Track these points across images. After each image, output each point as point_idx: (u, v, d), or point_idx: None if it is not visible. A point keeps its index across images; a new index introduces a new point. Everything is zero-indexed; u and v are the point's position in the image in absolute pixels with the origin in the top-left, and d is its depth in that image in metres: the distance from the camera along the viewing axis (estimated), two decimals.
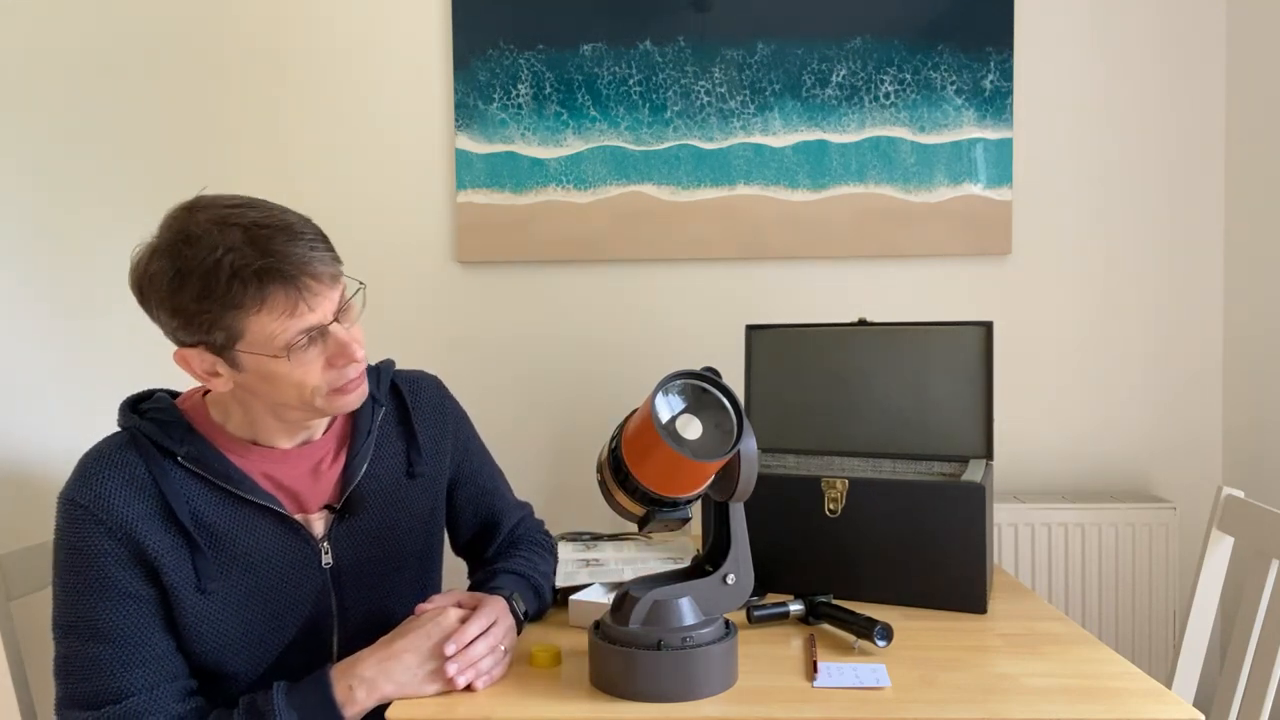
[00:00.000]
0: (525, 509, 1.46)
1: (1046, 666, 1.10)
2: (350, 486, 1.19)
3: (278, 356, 1.04)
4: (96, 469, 1.07)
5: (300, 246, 1.03)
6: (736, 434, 1.05)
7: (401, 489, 1.25)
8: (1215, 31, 1.99)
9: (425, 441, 1.28)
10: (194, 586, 1.08)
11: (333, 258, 1.07)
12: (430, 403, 1.31)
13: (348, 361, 1.08)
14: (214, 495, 1.11)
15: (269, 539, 1.14)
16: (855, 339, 1.58)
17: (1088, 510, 1.90)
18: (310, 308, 1.04)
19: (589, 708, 1.01)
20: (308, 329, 1.05)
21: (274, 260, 1.01)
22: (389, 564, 1.23)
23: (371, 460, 1.22)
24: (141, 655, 1.05)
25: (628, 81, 2.00)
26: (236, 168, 2.03)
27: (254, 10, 2.03)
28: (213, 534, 1.10)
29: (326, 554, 1.18)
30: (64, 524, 1.07)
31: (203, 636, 1.10)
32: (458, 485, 1.35)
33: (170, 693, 1.06)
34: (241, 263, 1.00)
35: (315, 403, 1.09)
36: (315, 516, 1.18)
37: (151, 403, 1.15)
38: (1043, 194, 2.02)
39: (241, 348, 1.04)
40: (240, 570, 1.12)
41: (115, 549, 1.05)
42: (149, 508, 1.07)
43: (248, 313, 1.02)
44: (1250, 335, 1.94)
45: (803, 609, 1.28)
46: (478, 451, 1.39)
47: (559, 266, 2.05)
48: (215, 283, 1.00)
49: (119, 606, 1.05)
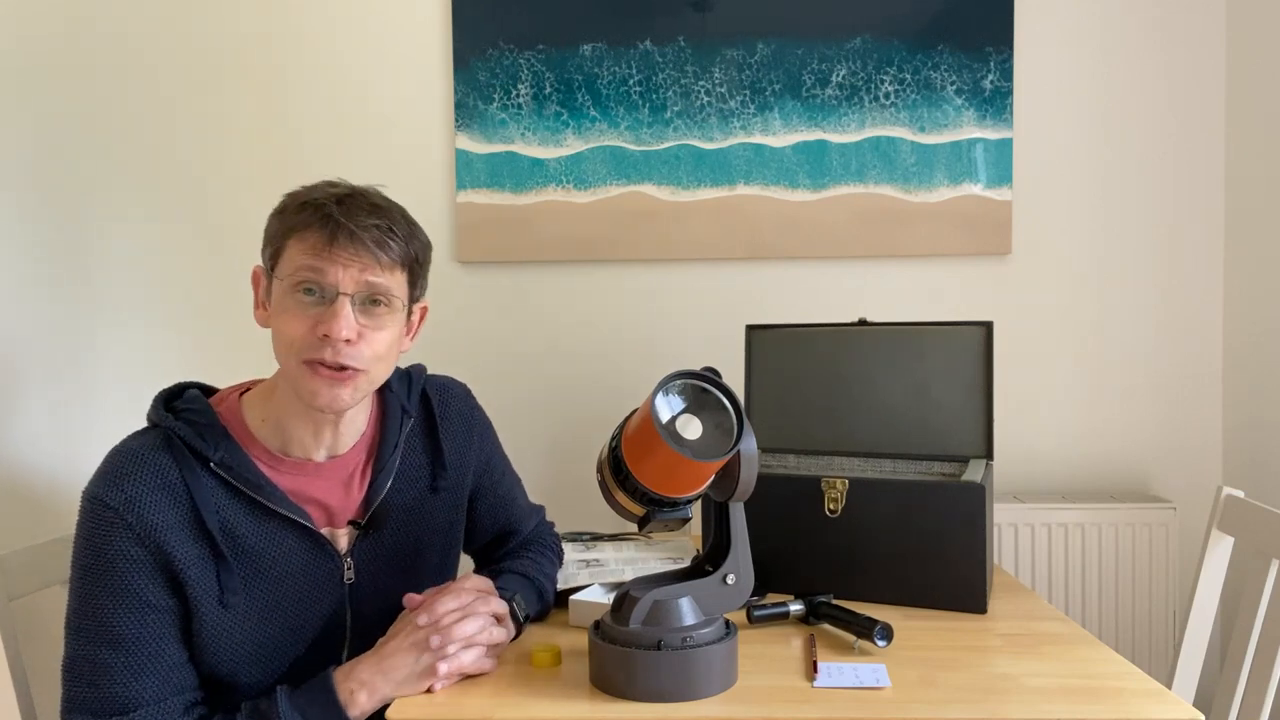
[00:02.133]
0: (539, 514, 1.45)
1: (1046, 666, 1.10)
2: (375, 502, 1.17)
3: (286, 286, 1.07)
4: (129, 469, 1.05)
5: (371, 219, 1.08)
6: (736, 434, 1.05)
7: (425, 503, 1.24)
8: (1215, 31, 1.99)
9: (450, 454, 1.26)
10: (216, 599, 1.07)
11: (400, 254, 1.10)
12: (458, 414, 1.29)
13: (326, 334, 1.05)
14: (243, 505, 1.09)
15: (295, 553, 1.12)
16: (855, 339, 1.58)
17: (1088, 510, 1.90)
18: (332, 259, 1.06)
19: (589, 708, 1.01)
20: (315, 274, 1.06)
21: (337, 210, 1.07)
22: (406, 579, 1.22)
23: (396, 475, 1.20)
24: (153, 666, 1.04)
25: (628, 81, 2.00)
26: (236, 167, 2.03)
27: (253, 10, 2.03)
28: (239, 546, 1.08)
29: (349, 569, 1.17)
30: (90, 524, 1.04)
31: (218, 649, 1.08)
32: (478, 497, 1.33)
33: (177, 705, 1.05)
34: (316, 199, 1.08)
35: (292, 366, 1.07)
36: (340, 532, 1.17)
37: (186, 401, 1.13)
38: (1043, 194, 2.02)
39: (276, 272, 1.09)
40: (263, 584, 1.10)
41: (142, 556, 1.02)
42: (179, 515, 1.05)
43: (292, 235, 1.08)
44: (1250, 335, 1.94)
45: (803, 609, 1.28)
46: (500, 461, 1.37)
47: (559, 266, 2.05)
48: (293, 205, 1.10)
49: (137, 616, 1.03)
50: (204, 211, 2.03)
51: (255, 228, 1.16)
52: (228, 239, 2.03)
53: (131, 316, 1.94)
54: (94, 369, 1.81)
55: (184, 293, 2.02)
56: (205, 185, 2.04)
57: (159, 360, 1.96)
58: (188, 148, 2.03)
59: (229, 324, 2.00)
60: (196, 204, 2.03)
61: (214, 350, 2.02)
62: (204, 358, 2.01)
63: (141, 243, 2.00)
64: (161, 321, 1.99)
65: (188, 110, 2.03)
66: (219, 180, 2.04)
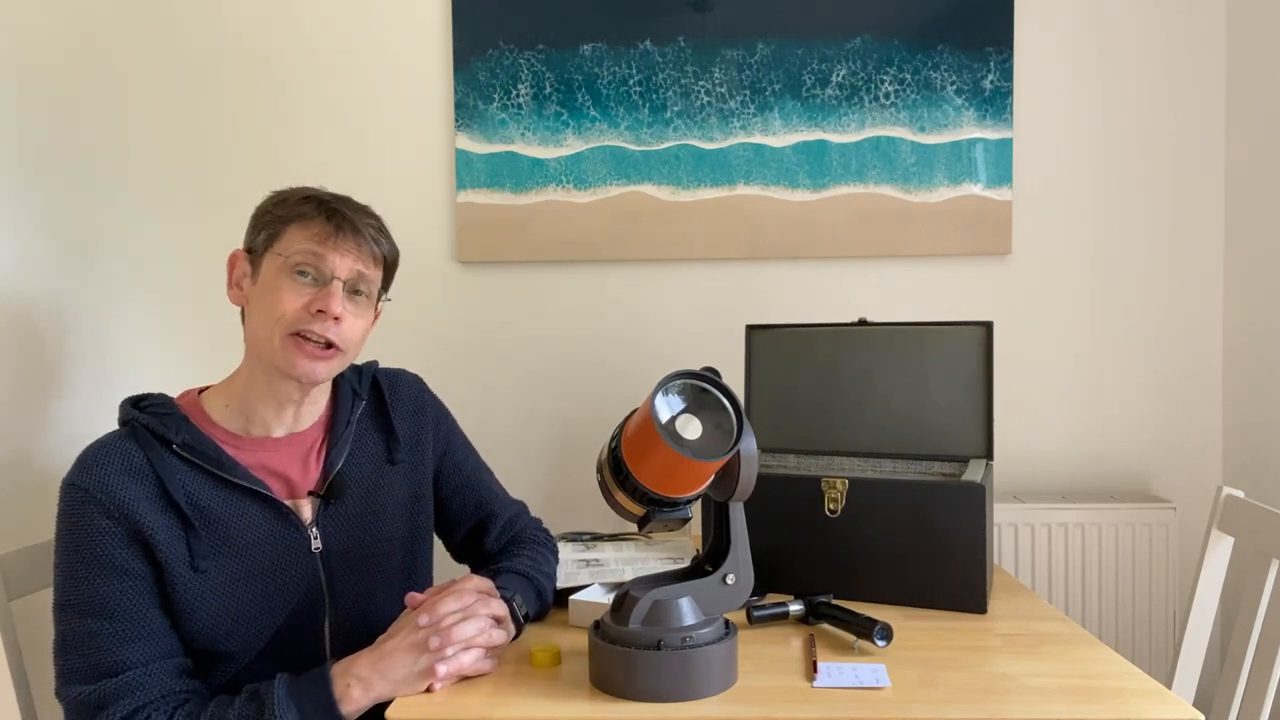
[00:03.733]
0: (519, 505, 1.47)
1: (1046, 666, 1.10)
2: (332, 473, 1.24)
3: (283, 264, 1.16)
4: (97, 457, 1.12)
5: (366, 217, 1.22)
6: (736, 434, 1.05)
7: (383, 475, 1.30)
8: (1215, 31, 1.99)
9: (403, 433, 1.33)
10: (188, 564, 1.12)
11: (386, 250, 1.24)
12: (408, 397, 1.37)
13: (323, 310, 1.15)
14: (207, 481, 1.16)
15: (259, 523, 1.18)
16: (855, 339, 1.58)
17: (1088, 510, 1.90)
18: (334, 248, 1.17)
19: (589, 708, 1.01)
20: (316, 260, 1.16)
21: (339, 206, 1.20)
22: (376, 549, 1.27)
23: (352, 449, 1.28)
24: (138, 631, 1.08)
25: (628, 81, 2.00)
26: (236, 167, 2.03)
27: (253, 10, 2.03)
28: (206, 517, 1.15)
29: (316, 539, 1.22)
30: (65, 507, 1.11)
31: (196, 615, 1.13)
32: (443, 476, 1.38)
33: (166, 669, 1.09)
34: (319, 195, 1.22)
35: (276, 339, 1.16)
36: (304, 503, 1.23)
37: (150, 400, 1.21)
38: (1043, 194, 2.02)
39: (271, 251, 1.18)
40: (232, 552, 1.16)
41: (113, 528, 1.09)
42: (146, 491, 1.11)
43: (293, 221, 1.18)
44: (1250, 335, 1.94)
45: (803, 609, 1.28)
46: (461, 444, 1.43)
47: (559, 266, 2.05)
48: (292, 198, 1.21)
49: (116, 582, 1.08)
50: (204, 212, 2.03)
51: None
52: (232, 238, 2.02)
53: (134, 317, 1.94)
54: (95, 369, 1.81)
55: (185, 293, 2.02)
56: (206, 185, 2.04)
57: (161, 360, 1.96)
58: (188, 148, 2.03)
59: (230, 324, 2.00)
60: (197, 204, 2.03)
61: (215, 350, 2.01)
62: (205, 357, 2.01)
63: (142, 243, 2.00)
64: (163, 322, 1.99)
65: (188, 111, 2.03)
66: (219, 180, 2.04)
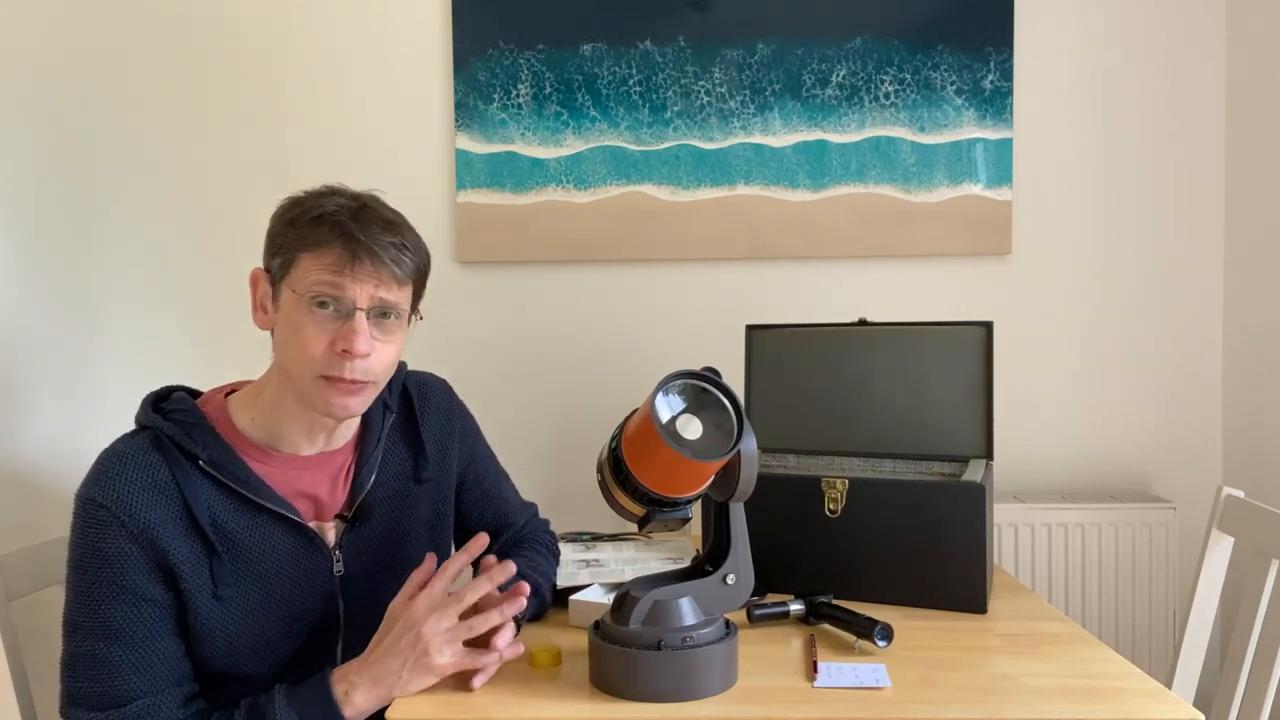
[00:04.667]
0: (530, 510, 1.46)
1: (1046, 666, 1.10)
2: (360, 494, 1.20)
3: (299, 299, 1.08)
4: (119, 469, 1.06)
5: (385, 235, 1.10)
6: (736, 434, 1.05)
7: (409, 494, 1.26)
8: (1215, 31, 1.99)
9: (432, 447, 1.29)
10: (210, 593, 1.09)
11: (410, 270, 1.12)
12: (438, 408, 1.32)
13: (346, 349, 1.07)
14: (233, 501, 1.11)
15: (284, 547, 1.14)
16: (855, 339, 1.58)
17: (1088, 510, 1.90)
18: (352, 278, 1.07)
19: (589, 708, 1.01)
20: (334, 290, 1.07)
21: (355, 228, 1.08)
22: (395, 571, 1.22)
23: (380, 467, 1.22)
24: (150, 659, 1.05)
25: (628, 81, 2.00)
26: (235, 167, 2.03)
27: (253, 10, 2.03)
28: (231, 541, 1.10)
29: (338, 562, 1.18)
30: (84, 523, 1.05)
31: (215, 642, 1.10)
32: (465, 488, 1.36)
33: (174, 698, 1.07)
34: (332, 214, 1.08)
35: (307, 379, 1.09)
36: (328, 525, 1.19)
37: (173, 402, 1.15)
38: (1043, 194, 2.02)
39: (287, 282, 1.09)
40: (255, 578, 1.12)
41: (135, 552, 1.04)
42: (171, 512, 1.06)
43: (306, 248, 1.08)
44: (1250, 335, 1.94)
45: (803, 609, 1.28)
46: (484, 456, 1.39)
47: (559, 266, 2.05)
48: (305, 217, 1.09)
49: (133, 609, 1.05)
50: (205, 213, 2.03)
51: (257, 228, 1.16)
52: (230, 240, 2.03)
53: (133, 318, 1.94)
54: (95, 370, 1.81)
55: (186, 293, 2.02)
56: (206, 186, 2.04)
57: (161, 362, 1.96)
58: (188, 149, 2.03)
59: (231, 324, 2.00)
60: (198, 205, 2.03)
61: (216, 351, 2.02)
62: (206, 358, 2.01)
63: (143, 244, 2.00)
64: (163, 323, 1.99)
65: (188, 111, 2.03)
66: (219, 181, 2.04)
